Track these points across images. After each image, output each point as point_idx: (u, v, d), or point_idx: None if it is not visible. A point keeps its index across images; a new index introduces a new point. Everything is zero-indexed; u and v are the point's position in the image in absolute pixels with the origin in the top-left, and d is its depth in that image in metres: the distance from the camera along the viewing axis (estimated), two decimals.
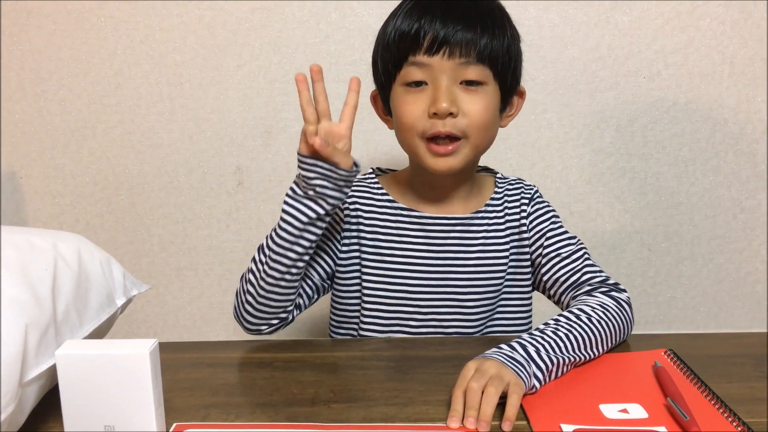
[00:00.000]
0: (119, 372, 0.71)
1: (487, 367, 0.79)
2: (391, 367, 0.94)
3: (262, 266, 0.96)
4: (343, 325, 1.12)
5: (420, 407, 0.82)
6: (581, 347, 0.86)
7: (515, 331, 1.09)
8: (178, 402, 0.83)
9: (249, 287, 0.98)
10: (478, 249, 1.05)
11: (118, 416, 0.72)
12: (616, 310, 0.94)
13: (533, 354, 0.82)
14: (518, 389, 0.77)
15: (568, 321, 0.88)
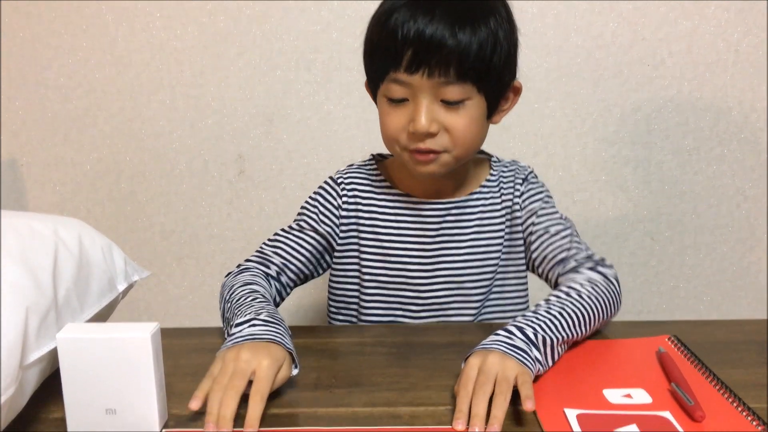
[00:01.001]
0: (121, 355, 0.70)
1: (490, 366, 0.76)
2: (392, 353, 0.93)
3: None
4: (342, 311, 1.12)
5: (422, 392, 0.82)
6: (575, 324, 0.86)
7: (513, 311, 1.10)
8: (179, 387, 0.83)
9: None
10: (473, 231, 1.06)
11: (119, 400, 0.72)
12: (605, 284, 0.94)
13: (531, 335, 0.82)
14: (527, 378, 0.76)
15: (559, 299, 0.88)
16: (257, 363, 0.76)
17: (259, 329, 0.82)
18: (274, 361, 0.77)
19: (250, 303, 0.88)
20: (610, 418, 0.73)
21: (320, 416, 0.77)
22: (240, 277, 0.99)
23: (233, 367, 0.75)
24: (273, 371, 0.76)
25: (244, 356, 0.76)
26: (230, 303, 0.91)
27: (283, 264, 1.04)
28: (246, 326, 0.82)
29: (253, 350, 0.77)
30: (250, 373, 0.75)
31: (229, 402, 0.72)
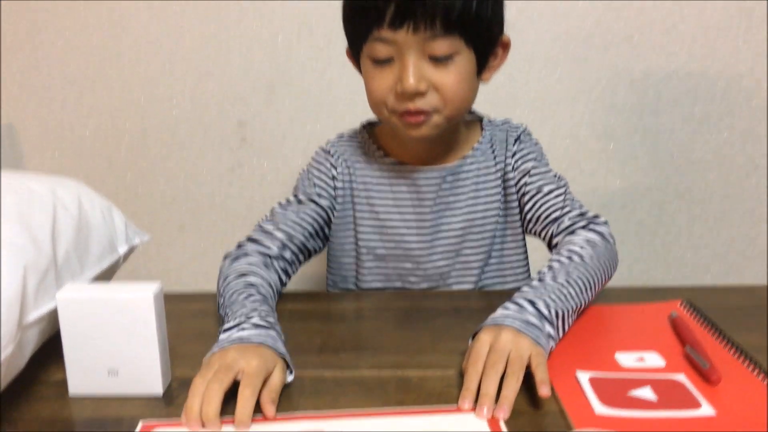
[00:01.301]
0: (122, 316, 0.69)
1: (502, 345, 0.72)
2: (398, 318, 0.92)
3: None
4: (339, 284, 1.10)
5: (430, 355, 0.80)
6: (581, 291, 0.83)
7: (514, 276, 1.07)
8: (183, 350, 0.81)
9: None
10: (469, 197, 1.03)
11: (121, 361, 0.70)
12: (603, 244, 0.91)
13: (543, 309, 0.78)
14: (542, 359, 0.72)
15: (562, 266, 0.85)
16: (245, 362, 0.68)
17: (248, 332, 0.74)
18: (264, 361, 0.70)
19: (242, 303, 0.81)
20: (624, 381, 0.71)
21: (326, 379, 0.75)
22: (236, 265, 0.92)
23: (218, 364, 0.69)
24: (263, 370, 0.69)
25: (230, 355, 0.69)
26: (224, 298, 0.85)
27: (286, 239, 0.98)
28: (235, 330, 0.75)
29: (241, 350, 0.70)
30: (237, 370, 0.68)
31: (212, 397, 0.65)
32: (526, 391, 0.70)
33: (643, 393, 0.69)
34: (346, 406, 0.69)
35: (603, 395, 0.68)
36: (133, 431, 0.65)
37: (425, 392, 0.72)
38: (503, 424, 0.65)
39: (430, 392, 0.72)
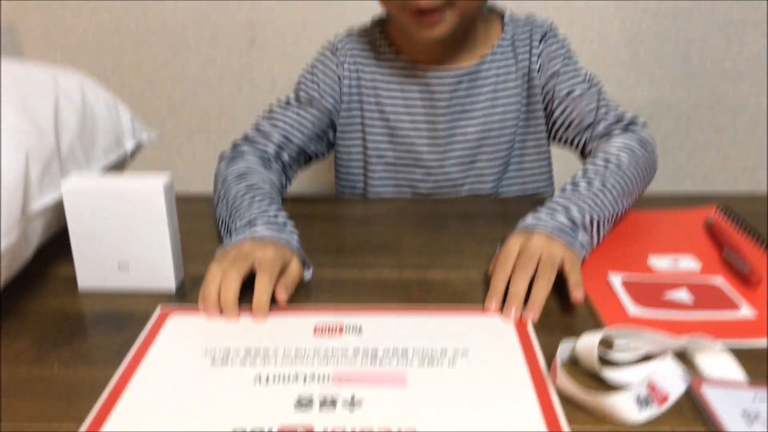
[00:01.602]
0: (132, 207, 0.65)
1: (534, 246, 0.67)
2: (418, 222, 0.88)
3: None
4: (347, 193, 1.05)
5: (453, 257, 0.77)
6: (618, 198, 0.78)
7: (535, 185, 1.02)
8: (195, 247, 0.78)
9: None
10: (487, 101, 0.96)
11: (132, 255, 0.67)
12: (641, 149, 0.85)
13: (576, 216, 0.73)
14: (575, 263, 0.67)
15: (598, 172, 0.79)
16: (261, 252, 0.66)
17: (261, 231, 0.70)
18: (281, 253, 0.67)
19: (248, 207, 0.76)
20: (658, 284, 0.68)
21: (345, 279, 0.72)
22: (234, 166, 0.87)
23: (234, 253, 0.66)
24: (279, 259, 0.66)
25: (246, 246, 0.67)
26: (226, 202, 0.80)
27: (283, 140, 0.93)
28: (246, 230, 0.71)
29: (256, 243, 0.68)
30: (253, 259, 0.65)
31: (229, 282, 0.63)
32: (556, 294, 0.67)
33: (679, 295, 0.66)
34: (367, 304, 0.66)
35: (636, 297, 0.65)
36: (148, 320, 0.63)
37: (449, 293, 0.69)
38: (531, 327, 0.62)
39: (453, 293, 0.69)
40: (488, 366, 0.56)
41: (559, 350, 0.55)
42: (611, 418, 0.50)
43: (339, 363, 0.56)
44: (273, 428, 0.48)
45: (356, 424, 0.49)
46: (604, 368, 0.54)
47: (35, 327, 0.62)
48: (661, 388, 0.51)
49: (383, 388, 0.53)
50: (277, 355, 0.57)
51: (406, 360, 0.56)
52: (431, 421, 0.49)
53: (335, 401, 0.51)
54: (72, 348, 0.59)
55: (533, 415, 0.50)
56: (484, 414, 0.50)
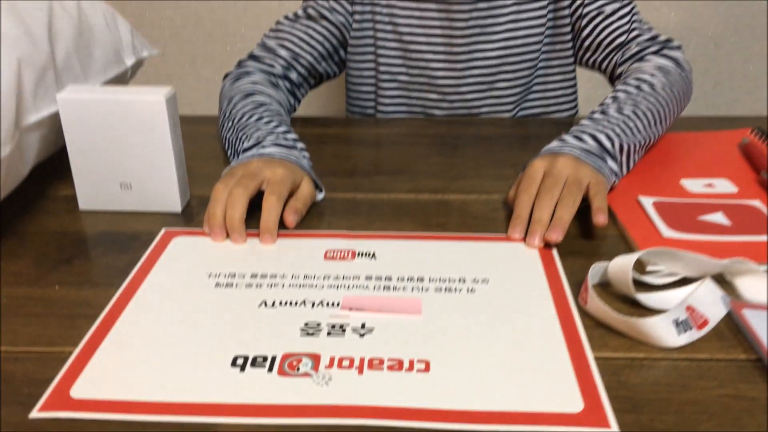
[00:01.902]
0: (133, 121, 0.61)
1: (560, 169, 0.62)
2: (435, 144, 0.84)
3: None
4: (357, 115, 1.00)
5: (473, 180, 0.73)
6: (651, 124, 0.73)
7: (558, 111, 0.97)
8: (201, 169, 0.74)
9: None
10: (509, 21, 0.90)
11: (134, 173, 0.63)
12: (677, 72, 0.79)
13: (605, 143, 0.68)
14: (602, 187, 0.63)
15: (630, 96, 0.74)
16: (270, 171, 0.62)
17: (270, 150, 0.66)
18: (291, 172, 0.63)
19: (255, 125, 0.71)
20: (692, 207, 0.64)
21: (360, 201, 0.68)
22: (240, 84, 0.82)
23: (241, 172, 0.62)
24: (289, 179, 0.62)
25: (254, 165, 0.63)
26: (232, 122, 0.75)
27: (291, 58, 0.88)
28: (255, 149, 0.67)
29: (265, 162, 0.63)
30: (262, 178, 0.61)
31: (236, 201, 0.59)
32: (583, 218, 0.63)
33: (715, 218, 0.62)
34: (382, 228, 0.63)
35: (670, 219, 0.61)
36: (152, 241, 0.60)
37: (469, 216, 0.65)
38: (556, 253, 0.58)
39: (474, 216, 0.65)
40: (509, 293, 0.52)
41: (591, 272, 0.52)
42: (648, 341, 0.47)
43: (350, 289, 0.53)
44: (277, 355, 0.45)
45: (366, 352, 0.45)
46: (638, 292, 0.50)
47: (35, 247, 0.59)
48: (701, 311, 0.47)
49: (396, 315, 0.49)
50: (285, 279, 0.54)
51: (422, 287, 0.53)
52: (447, 352, 0.46)
53: (344, 328, 0.48)
54: (73, 269, 0.56)
55: (556, 343, 0.47)
56: (503, 344, 0.46)
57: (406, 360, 0.44)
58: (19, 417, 0.40)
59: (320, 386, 0.42)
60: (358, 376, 0.43)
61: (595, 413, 0.40)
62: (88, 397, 0.41)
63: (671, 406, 0.41)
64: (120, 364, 0.44)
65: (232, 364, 0.44)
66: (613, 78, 0.89)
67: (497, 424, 0.39)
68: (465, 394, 0.42)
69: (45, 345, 0.47)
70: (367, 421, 0.40)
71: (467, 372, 0.43)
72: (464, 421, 0.39)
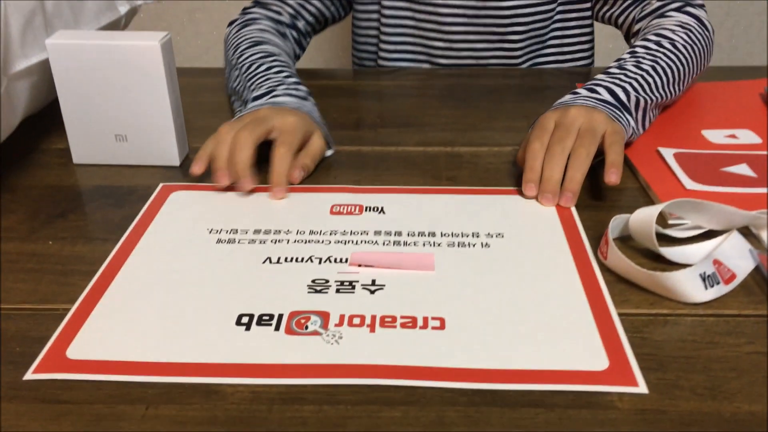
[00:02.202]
0: (127, 68, 0.57)
1: (572, 118, 0.58)
2: (444, 95, 0.80)
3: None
4: (364, 61, 0.97)
5: (484, 133, 0.70)
6: (670, 82, 0.69)
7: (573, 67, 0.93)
8: (201, 122, 0.71)
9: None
10: None
11: (130, 124, 0.60)
12: (700, 30, 0.75)
13: (622, 97, 0.64)
14: (618, 137, 0.58)
15: (649, 51, 0.70)
16: (281, 119, 0.58)
17: (283, 99, 0.63)
18: (303, 122, 0.60)
19: (265, 73, 0.68)
20: (714, 158, 0.61)
21: (366, 154, 0.66)
22: (247, 32, 0.78)
23: (250, 118, 0.59)
24: (300, 129, 0.59)
25: (263, 111, 0.59)
26: (240, 70, 0.72)
27: (298, 5, 0.85)
28: (266, 98, 0.63)
29: (275, 110, 0.60)
30: (270, 125, 0.58)
31: (243, 143, 0.55)
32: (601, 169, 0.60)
33: (740, 169, 0.59)
34: (390, 183, 0.60)
35: (692, 171, 0.58)
36: (150, 196, 0.57)
37: (481, 169, 0.63)
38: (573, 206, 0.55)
39: (486, 168, 0.63)
40: (526, 247, 0.50)
41: (611, 225, 0.49)
42: (673, 296, 0.44)
43: (358, 244, 0.50)
44: (283, 313, 0.42)
45: (377, 310, 0.43)
46: (660, 246, 0.48)
47: (27, 202, 0.57)
48: (728, 265, 0.45)
49: (408, 271, 0.47)
50: (290, 235, 0.51)
51: (434, 242, 0.50)
52: (463, 309, 0.43)
53: (353, 285, 0.45)
54: (67, 224, 0.53)
55: (577, 299, 0.44)
56: (521, 300, 0.44)
57: (420, 317, 0.42)
58: (12, 377, 0.38)
59: (330, 345, 0.40)
60: (369, 334, 0.41)
61: (620, 371, 0.38)
62: (85, 357, 0.39)
63: (698, 364, 0.39)
64: (118, 323, 0.42)
65: (237, 323, 0.42)
66: (630, 35, 0.84)
67: (519, 383, 0.37)
68: (483, 352, 0.39)
69: (38, 302, 0.44)
70: (380, 381, 0.37)
71: (485, 329, 0.41)
72: (484, 380, 0.37)
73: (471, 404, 0.36)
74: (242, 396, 0.37)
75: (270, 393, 0.37)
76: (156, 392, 0.37)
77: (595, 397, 0.37)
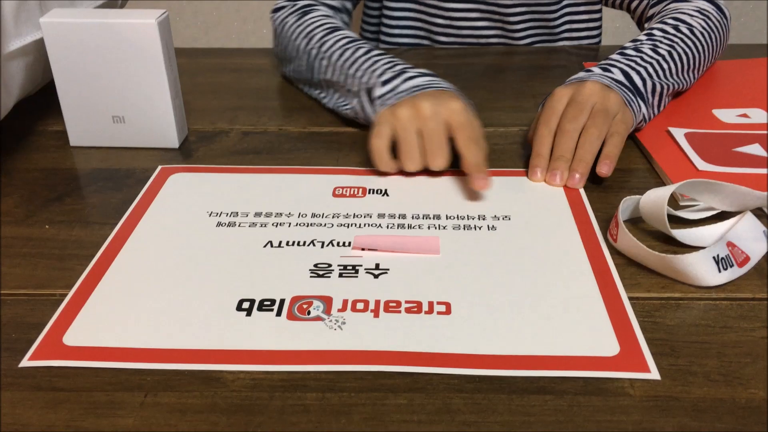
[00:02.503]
0: (123, 47, 0.56)
1: (587, 96, 0.56)
2: (449, 74, 0.77)
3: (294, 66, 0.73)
4: (369, 39, 0.95)
5: (489, 113, 0.68)
6: (686, 69, 0.67)
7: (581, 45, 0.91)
8: (200, 103, 0.70)
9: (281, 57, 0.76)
10: None
11: (127, 105, 0.59)
12: (718, 17, 0.73)
13: (637, 82, 0.61)
14: (621, 128, 0.56)
15: (666, 35, 0.67)
16: (446, 109, 0.53)
17: (420, 80, 0.57)
18: (464, 104, 0.55)
19: (375, 58, 0.62)
20: (726, 138, 0.59)
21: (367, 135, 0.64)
22: (312, 19, 0.71)
23: (417, 126, 0.53)
24: (471, 113, 0.54)
25: (424, 106, 0.53)
26: (329, 60, 0.65)
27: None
28: (401, 80, 0.58)
29: (433, 98, 0.54)
30: (444, 129, 0.53)
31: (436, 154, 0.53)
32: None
33: (752, 149, 0.57)
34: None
35: (703, 151, 0.57)
36: (149, 179, 0.56)
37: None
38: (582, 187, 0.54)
39: (491, 149, 0.61)
40: (533, 230, 0.49)
41: (621, 207, 0.48)
42: (685, 280, 0.43)
43: (361, 227, 0.49)
44: (285, 298, 0.41)
45: (381, 294, 0.42)
46: (672, 228, 0.47)
47: (23, 185, 0.55)
48: (742, 247, 0.44)
49: (413, 255, 0.46)
50: (291, 218, 0.50)
51: (439, 225, 0.49)
52: (469, 293, 0.42)
53: (357, 269, 0.44)
54: (64, 207, 0.52)
55: (587, 282, 0.43)
56: (529, 284, 0.43)
57: (425, 302, 0.41)
58: (7, 364, 0.37)
59: (333, 330, 0.39)
60: (373, 319, 0.40)
61: (632, 356, 0.37)
62: (83, 344, 0.38)
63: (711, 349, 0.38)
64: (116, 308, 0.41)
65: (238, 308, 0.41)
66: (642, 20, 0.82)
67: (528, 369, 0.36)
68: (491, 337, 0.38)
69: (34, 287, 0.43)
70: (386, 368, 0.36)
71: (492, 314, 0.40)
72: (491, 366, 0.36)
73: (477, 391, 0.35)
74: (243, 383, 0.36)
75: (271, 380, 0.36)
76: (155, 379, 0.36)
77: (606, 383, 0.36)
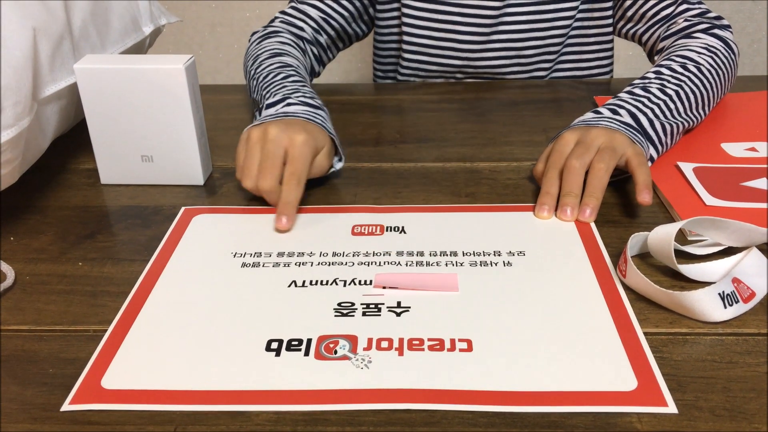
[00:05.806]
0: (152, 91, 0.59)
1: (593, 138, 0.58)
2: (463, 110, 0.81)
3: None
4: (388, 73, 0.97)
5: (502, 147, 0.71)
6: (693, 107, 0.68)
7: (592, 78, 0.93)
8: (224, 140, 0.73)
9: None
10: None
11: (155, 145, 0.62)
12: (726, 54, 0.74)
13: (645, 124, 0.63)
14: (642, 159, 0.58)
15: (673, 74, 0.69)
16: (288, 139, 0.58)
17: (295, 108, 0.63)
18: (311, 137, 0.59)
19: (281, 82, 0.69)
20: (734, 172, 0.61)
21: (386, 171, 0.66)
22: (267, 44, 0.79)
23: (259, 149, 0.58)
24: (309, 149, 0.58)
25: (272, 132, 0.58)
26: (257, 80, 0.73)
27: (321, 19, 0.85)
28: (280, 106, 0.64)
29: (284, 125, 0.59)
30: (282, 153, 0.58)
31: (267, 193, 0.57)
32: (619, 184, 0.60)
33: (760, 184, 0.59)
34: (410, 200, 0.61)
35: (711, 186, 0.58)
36: (175, 216, 0.58)
37: (500, 185, 0.63)
38: (593, 222, 0.56)
39: (505, 184, 0.63)
40: (548, 265, 0.50)
41: (630, 243, 0.49)
42: (692, 315, 0.45)
43: (381, 265, 0.51)
44: (312, 337, 0.43)
45: (405, 332, 0.43)
46: (679, 263, 0.48)
47: (57, 223, 0.58)
48: (747, 283, 0.45)
49: (432, 292, 0.47)
50: (313, 257, 0.52)
51: (456, 261, 0.51)
52: (489, 329, 0.44)
53: (379, 307, 0.46)
54: (96, 244, 0.55)
55: (602, 318, 0.45)
56: (547, 319, 0.44)
57: (447, 339, 0.43)
58: (45, 398, 0.39)
59: (360, 369, 0.41)
60: (398, 357, 0.41)
61: (649, 391, 0.38)
62: (120, 387, 0.40)
63: (717, 384, 0.40)
64: (150, 351, 0.43)
65: (267, 349, 0.43)
66: (653, 52, 0.83)
67: (550, 405, 0.38)
68: (512, 374, 0.40)
69: (69, 324, 0.46)
70: (412, 406, 0.38)
71: (512, 350, 0.42)
72: (515, 403, 0.38)
73: (490, 425, 0.37)
74: (267, 417, 0.38)
75: (294, 414, 0.38)
76: (183, 413, 0.38)
77: (615, 417, 0.37)
